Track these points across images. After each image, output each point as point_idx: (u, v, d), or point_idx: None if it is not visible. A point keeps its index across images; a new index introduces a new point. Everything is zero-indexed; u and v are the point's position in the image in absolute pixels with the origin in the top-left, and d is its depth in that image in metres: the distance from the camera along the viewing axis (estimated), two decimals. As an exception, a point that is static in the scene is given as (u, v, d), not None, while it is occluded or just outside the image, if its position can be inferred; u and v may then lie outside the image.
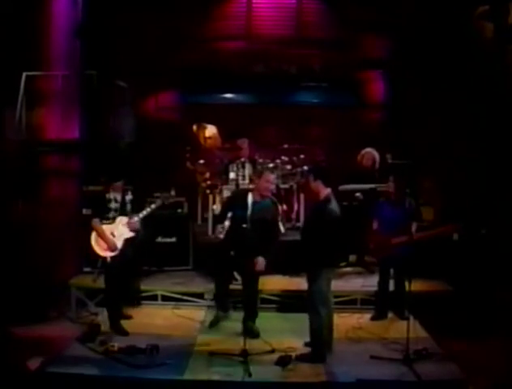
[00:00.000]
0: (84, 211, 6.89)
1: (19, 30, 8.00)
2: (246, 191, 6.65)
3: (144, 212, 6.59)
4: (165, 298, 7.35)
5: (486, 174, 8.02)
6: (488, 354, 5.86)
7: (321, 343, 5.77)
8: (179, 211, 8.23)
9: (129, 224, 6.50)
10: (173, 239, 8.10)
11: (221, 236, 6.40)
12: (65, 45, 8.64)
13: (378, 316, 6.86)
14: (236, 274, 7.00)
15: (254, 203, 6.35)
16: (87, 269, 7.54)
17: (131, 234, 6.51)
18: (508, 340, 6.04)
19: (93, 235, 6.49)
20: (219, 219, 6.73)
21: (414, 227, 6.58)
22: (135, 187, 6.94)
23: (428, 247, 7.05)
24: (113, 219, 6.52)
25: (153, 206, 6.65)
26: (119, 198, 6.60)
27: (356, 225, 7.18)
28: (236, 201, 6.59)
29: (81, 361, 5.69)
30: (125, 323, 6.68)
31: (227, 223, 6.41)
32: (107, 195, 6.57)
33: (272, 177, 6.54)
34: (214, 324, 6.59)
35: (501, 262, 7.18)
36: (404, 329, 5.78)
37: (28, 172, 7.96)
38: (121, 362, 5.64)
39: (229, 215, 6.47)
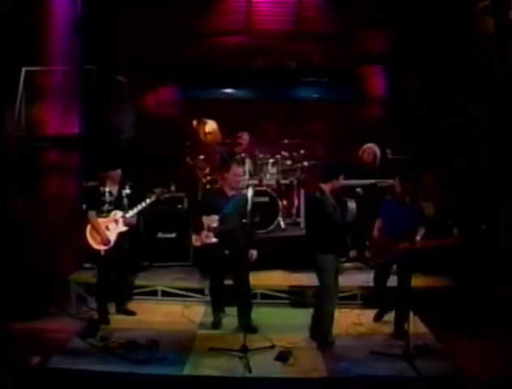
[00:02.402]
0: (84, 206, 6.91)
1: (18, 25, 7.95)
2: (217, 189, 6.82)
3: (139, 207, 6.67)
4: (165, 294, 7.35)
5: (486, 169, 8.00)
6: (488, 350, 5.85)
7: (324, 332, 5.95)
8: (179, 206, 8.23)
9: (124, 219, 6.58)
10: (173, 235, 8.12)
11: (213, 239, 6.28)
12: (64, 40, 8.60)
13: (380, 314, 6.75)
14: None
15: (232, 197, 6.39)
16: (87, 265, 7.57)
17: (125, 228, 6.60)
18: (508, 336, 6.03)
19: (88, 228, 6.56)
20: (195, 224, 6.48)
21: (421, 232, 6.23)
22: (135, 182, 6.95)
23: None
24: (108, 212, 6.60)
25: (148, 200, 6.72)
26: (115, 191, 6.66)
27: (356, 220, 7.14)
28: (213, 202, 6.48)
29: (81, 357, 5.70)
30: (125, 319, 6.70)
31: (215, 224, 6.30)
32: (101, 188, 6.67)
33: (240, 169, 6.63)
34: (217, 325, 6.56)
35: (501, 257, 7.17)
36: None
37: (28, 168, 7.94)
38: (121, 358, 5.66)
39: (216, 217, 6.32)
